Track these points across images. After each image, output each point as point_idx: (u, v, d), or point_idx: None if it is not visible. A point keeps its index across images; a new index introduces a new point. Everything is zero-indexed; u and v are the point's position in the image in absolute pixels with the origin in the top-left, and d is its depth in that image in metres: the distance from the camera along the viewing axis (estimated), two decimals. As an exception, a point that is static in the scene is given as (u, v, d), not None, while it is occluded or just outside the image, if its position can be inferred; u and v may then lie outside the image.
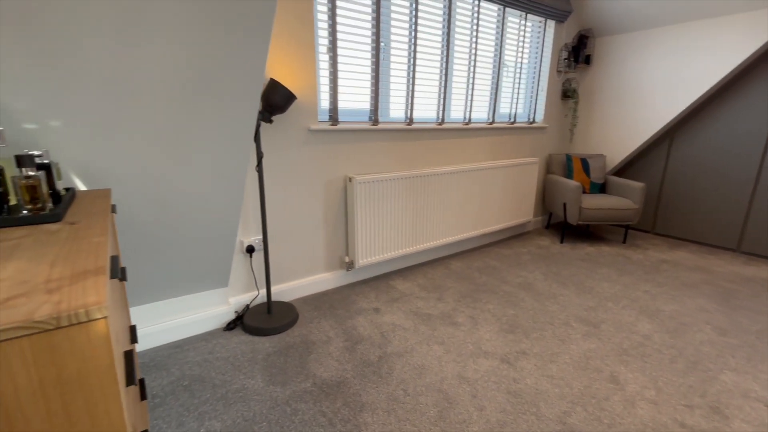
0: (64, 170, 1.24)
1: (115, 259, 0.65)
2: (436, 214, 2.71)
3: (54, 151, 1.18)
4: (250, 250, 2.03)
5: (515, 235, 3.56)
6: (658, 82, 3.23)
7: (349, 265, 2.43)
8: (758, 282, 2.57)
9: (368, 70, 2.29)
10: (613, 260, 2.95)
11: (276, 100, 1.75)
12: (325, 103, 2.18)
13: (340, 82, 2.18)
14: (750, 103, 2.94)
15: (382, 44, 2.31)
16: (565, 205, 3.26)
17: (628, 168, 3.75)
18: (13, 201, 0.88)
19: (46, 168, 0.91)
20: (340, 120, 2.27)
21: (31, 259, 0.59)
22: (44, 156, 0.94)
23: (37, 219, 0.77)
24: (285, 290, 2.22)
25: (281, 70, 1.93)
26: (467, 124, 2.92)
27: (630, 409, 1.43)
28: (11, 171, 0.89)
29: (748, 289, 2.45)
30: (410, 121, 2.57)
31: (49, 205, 0.85)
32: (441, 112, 2.74)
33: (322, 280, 2.37)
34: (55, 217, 0.79)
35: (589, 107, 3.73)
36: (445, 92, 2.71)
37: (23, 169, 0.79)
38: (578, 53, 3.53)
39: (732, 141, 3.07)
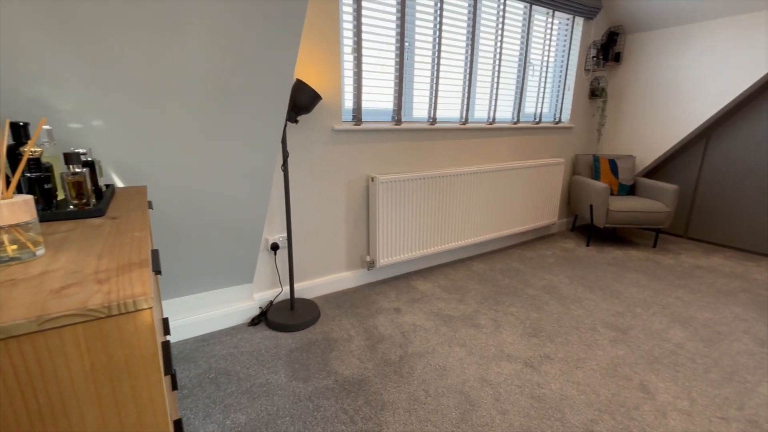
0: (104, 168, 1.30)
1: (155, 253, 0.68)
2: (458, 215, 2.69)
3: (95, 149, 1.24)
4: (275, 247, 2.07)
5: (539, 237, 3.49)
6: (694, 80, 3.10)
7: (370, 265, 2.44)
8: (802, 291, 2.43)
9: (392, 69, 2.29)
10: (642, 265, 2.85)
11: (302, 101, 1.78)
12: (348, 103, 2.20)
13: (364, 82, 2.20)
14: (795, 101, 2.77)
15: (406, 44, 2.31)
16: (591, 207, 3.17)
17: (659, 169, 3.61)
18: (60, 196, 0.93)
19: (90, 165, 0.96)
20: (363, 120, 2.28)
21: (80, 250, 0.63)
22: (88, 154, 0.99)
23: (82, 213, 0.82)
24: (307, 288, 2.25)
25: (306, 70, 1.96)
26: (491, 123, 2.88)
27: (661, 420, 1.38)
28: (58, 168, 0.94)
29: (791, 299, 2.32)
30: (433, 120, 2.56)
31: (93, 200, 0.89)
32: (465, 112, 2.72)
33: (344, 278, 2.39)
34: (98, 212, 0.83)
35: (618, 106, 3.62)
36: (469, 91, 2.68)
37: (71, 166, 0.84)
38: (607, 51, 3.42)
39: (774, 142, 2.90)
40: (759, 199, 3.02)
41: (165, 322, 1.06)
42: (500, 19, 2.70)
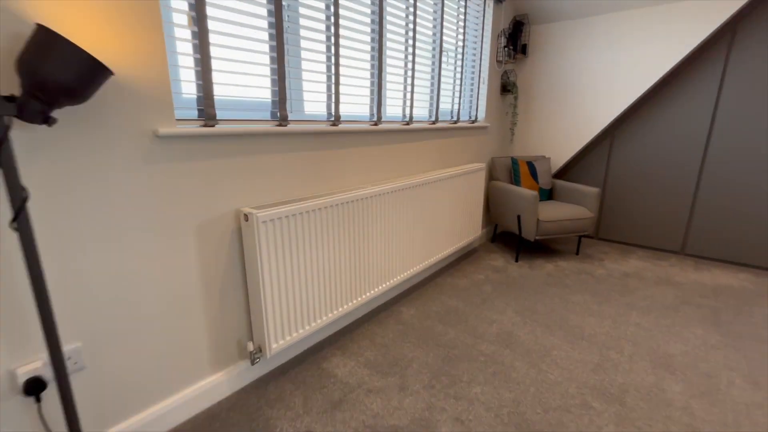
0: None
1: None
2: (378, 249, 1.93)
3: None
4: (35, 387, 0.98)
5: (463, 256, 2.99)
6: (599, 76, 2.95)
7: (255, 355, 1.50)
8: (726, 293, 2.37)
9: (265, 36, 1.39)
10: (578, 280, 2.55)
11: (56, 74, 0.77)
12: (188, 87, 1.23)
13: (213, 51, 1.25)
14: (690, 98, 2.79)
15: (284, 3, 1.43)
16: (519, 217, 2.77)
17: (568, 170, 3.47)
18: None
19: None
20: (219, 118, 1.33)
21: None
22: None
23: None
24: (138, 428, 1.21)
25: (74, 14, 0.93)
26: (408, 123, 2.20)
27: None
28: None
29: (723, 305, 2.22)
30: (336, 119, 1.74)
31: None
32: (376, 108, 1.96)
33: (209, 388, 1.40)
34: None
35: (528, 103, 3.35)
36: (380, 80, 1.93)
37: None
38: (515, 42, 3.09)
39: (673, 140, 2.92)
40: (659, 199, 3.04)
41: None
42: (412, -17, 2.02)
